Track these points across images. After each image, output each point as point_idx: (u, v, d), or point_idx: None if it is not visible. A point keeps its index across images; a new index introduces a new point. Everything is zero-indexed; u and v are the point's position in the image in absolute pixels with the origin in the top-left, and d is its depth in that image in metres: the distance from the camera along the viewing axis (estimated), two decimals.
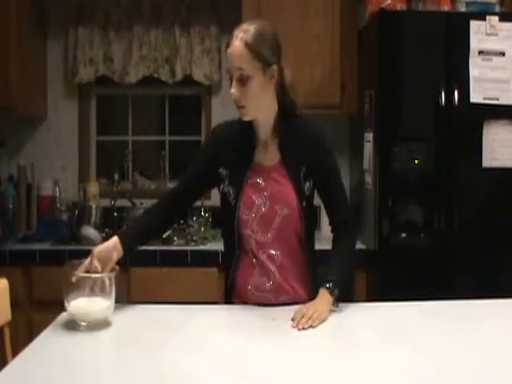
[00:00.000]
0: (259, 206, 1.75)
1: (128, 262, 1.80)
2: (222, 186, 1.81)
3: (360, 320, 1.69)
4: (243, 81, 1.66)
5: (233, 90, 1.68)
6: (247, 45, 1.64)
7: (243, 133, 1.79)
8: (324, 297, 1.69)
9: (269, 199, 1.75)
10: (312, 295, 1.74)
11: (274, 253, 1.77)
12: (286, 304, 1.76)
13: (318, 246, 1.88)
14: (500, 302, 1.84)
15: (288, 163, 1.77)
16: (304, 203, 1.76)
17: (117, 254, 1.72)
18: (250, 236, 1.77)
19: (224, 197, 1.81)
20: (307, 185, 1.77)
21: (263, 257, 1.77)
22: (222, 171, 1.79)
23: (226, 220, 1.82)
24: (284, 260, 1.78)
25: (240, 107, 1.70)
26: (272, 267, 1.77)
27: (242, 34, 1.65)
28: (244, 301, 1.81)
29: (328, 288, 1.70)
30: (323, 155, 1.80)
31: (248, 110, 1.70)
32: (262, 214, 1.75)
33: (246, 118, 1.73)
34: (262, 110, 1.73)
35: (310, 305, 1.66)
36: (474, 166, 2.69)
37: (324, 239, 1.96)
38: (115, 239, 1.74)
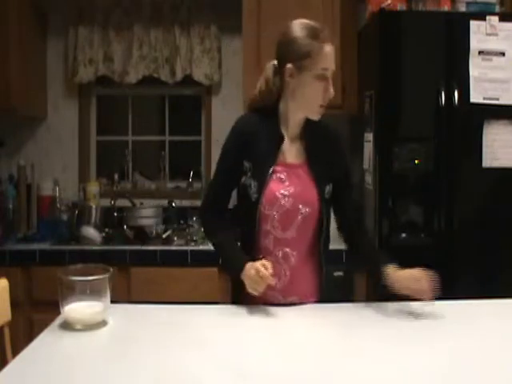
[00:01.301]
0: (282, 203, 1.74)
1: None
2: (243, 179, 1.78)
3: (360, 320, 1.69)
4: None
5: (332, 90, 1.70)
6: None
7: (270, 128, 1.78)
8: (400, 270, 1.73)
9: (292, 197, 1.74)
10: (320, 297, 1.79)
11: (291, 252, 1.77)
12: (293, 304, 1.77)
13: None
14: (500, 301, 1.84)
15: (313, 164, 1.78)
16: (324, 206, 1.77)
17: None
18: (269, 232, 1.76)
19: (244, 190, 1.78)
20: (327, 188, 1.79)
21: (279, 254, 1.77)
22: (246, 163, 1.77)
23: (244, 214, 1.80)
24: (299, 260, 1.78)
25: (323, 106, 1.73)
26: (285, 266, 1.77)
27: (331, 36, 1.72)
28: (252, 299, 1.76)
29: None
30: (344, 163, 1.87)
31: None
32: (284, 210, 1.74)
33: (318, 118, 1.76)
34: None
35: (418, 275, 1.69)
36: (474, 166, 2.69)
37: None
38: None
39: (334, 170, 1.81)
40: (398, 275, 1.72)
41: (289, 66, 1.71)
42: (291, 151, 1.79)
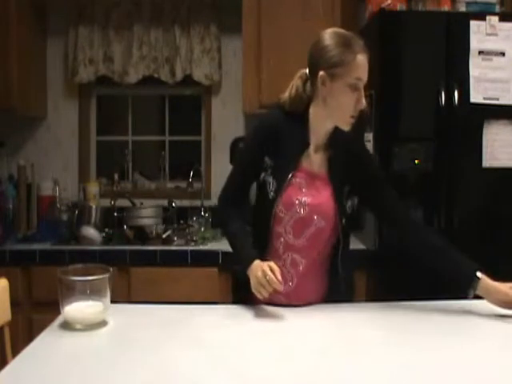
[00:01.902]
0: (297, 209, 1.74)
1: None
2: (263, 175, 1.77)
3: (359, 320, 1.69)
4: None
5: (364, 101, 1.69)
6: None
7: (297, 132, 1.76)
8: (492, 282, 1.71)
9: (308, 206, 1.74)
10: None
11: (300, 259, 1.77)
12: (295, 306, 1.77)
13: None
14: None
15: (334, 177, 1.77)
16: (344, 220, 1.77)
17: None
18: (281, 234, 1.76)
19: (263, 186, 1.77)
20: (349, 203, 1.79)
21: (287, 259, 1.77)
22: (267, 160, 1.76)
23: (259, 211, 1.80)
24: (307, 269, 1.78)
25: (355, 117, 1.71)
26: (293, 272, 1.78)
27: (365, 47, 1.68)
28: (254, 298, 1.74)
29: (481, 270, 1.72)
30: (371, 168, 1.85)
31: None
32: (299, 217, 1.74)
33: (348, 128, 1.74)
34: None
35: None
36: (474, 166, 2.68)
37: None
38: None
39: (357, 184, 1.79)
40: (496, 290, 1.71)
41: (321, 73, 1.68)
42: (314, 160, 1.78)
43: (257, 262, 1.67)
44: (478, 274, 1.72)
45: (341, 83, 1.67)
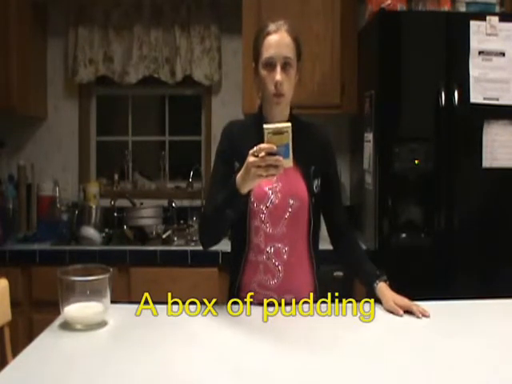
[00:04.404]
0: (271, 198, 1.76)
1: None
2: None
3: (359, 320, 1.69)
4: (286, 69, 1.72)
5: (279, 77, 1.71)
6: (294, 38, 1.75)
7: (255, 127, 1.78)
8: (391, 291, 1.78)
9: (281, 191, 1.76)
10: (315, 294, 1.81)
11: (282, 247, 1.78)
12: (289, 304, 1.77)
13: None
14: (500, 301, 1.84)
15: (299, 160, 1.77)
16: (313, 200, 1.79)
17: None
18: (260, 227, 1.77)
19: None
20: (315, 182, 1.81)
21: (270, 251, 1.78)
22: (237, 164, 1.78)
23: None
24: (291, 256, 1.79)
25: (279, 95, 1.73)
26: (278, 263, 1.78)
27: (288, 27, 1.75)
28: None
29: (386, 281, 1.80)
30: (332, 162, 1.90)
31: (285, 98, 1.75)
32: (274, 205, 1.76)
33: (279, 107, 1.77)
34: (289, 102, 1.79)
35: (403, 300, 1.73)
36: (474, 166, 2.69)
37: (323, 240, 1.95)
38: None
39: (321, 166, 1.83)
40: (388, 297, 1.76)
41: (253, 65, 1.80)
42: None
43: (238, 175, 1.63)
44: (377, 279, 1.81)
45: (259, 68, 1.75)
